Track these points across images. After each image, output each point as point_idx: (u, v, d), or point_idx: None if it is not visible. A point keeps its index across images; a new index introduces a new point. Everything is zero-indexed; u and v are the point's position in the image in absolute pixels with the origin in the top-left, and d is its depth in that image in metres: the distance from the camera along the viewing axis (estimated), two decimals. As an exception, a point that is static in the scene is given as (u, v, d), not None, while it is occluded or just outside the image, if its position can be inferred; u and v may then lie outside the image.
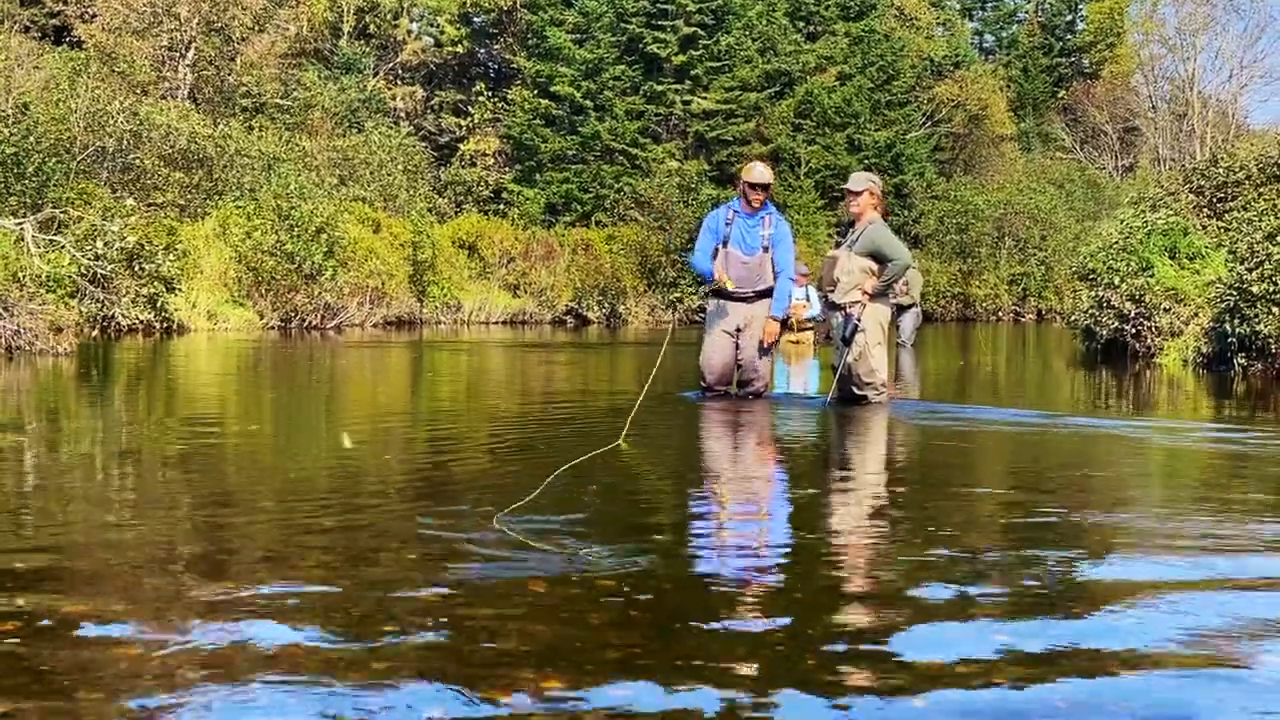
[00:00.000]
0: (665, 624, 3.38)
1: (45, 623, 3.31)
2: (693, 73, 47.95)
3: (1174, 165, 53.39)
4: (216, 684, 2.84)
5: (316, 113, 38.90)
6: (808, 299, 19.45)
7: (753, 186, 10.18)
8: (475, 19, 50.44)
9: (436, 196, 41.42)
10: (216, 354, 17.34)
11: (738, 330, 10.14)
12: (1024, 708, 2.79)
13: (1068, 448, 7.81)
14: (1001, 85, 63.33)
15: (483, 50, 51.94)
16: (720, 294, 10.27)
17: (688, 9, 46.73)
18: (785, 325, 12.77)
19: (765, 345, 10.09)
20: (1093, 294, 18.21)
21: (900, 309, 19.68)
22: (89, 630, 3.24)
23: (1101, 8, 71.40)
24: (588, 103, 45.00)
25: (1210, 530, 4.88)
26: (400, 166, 37.92)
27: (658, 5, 46.64)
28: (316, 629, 3.27)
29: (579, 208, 44.51)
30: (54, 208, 19.97)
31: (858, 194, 9.87)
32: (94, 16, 36.87)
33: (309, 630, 3.26)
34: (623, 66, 46.46)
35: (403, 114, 47.63)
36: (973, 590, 3.78)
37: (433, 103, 49.67)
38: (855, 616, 3.54)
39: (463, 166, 45.91)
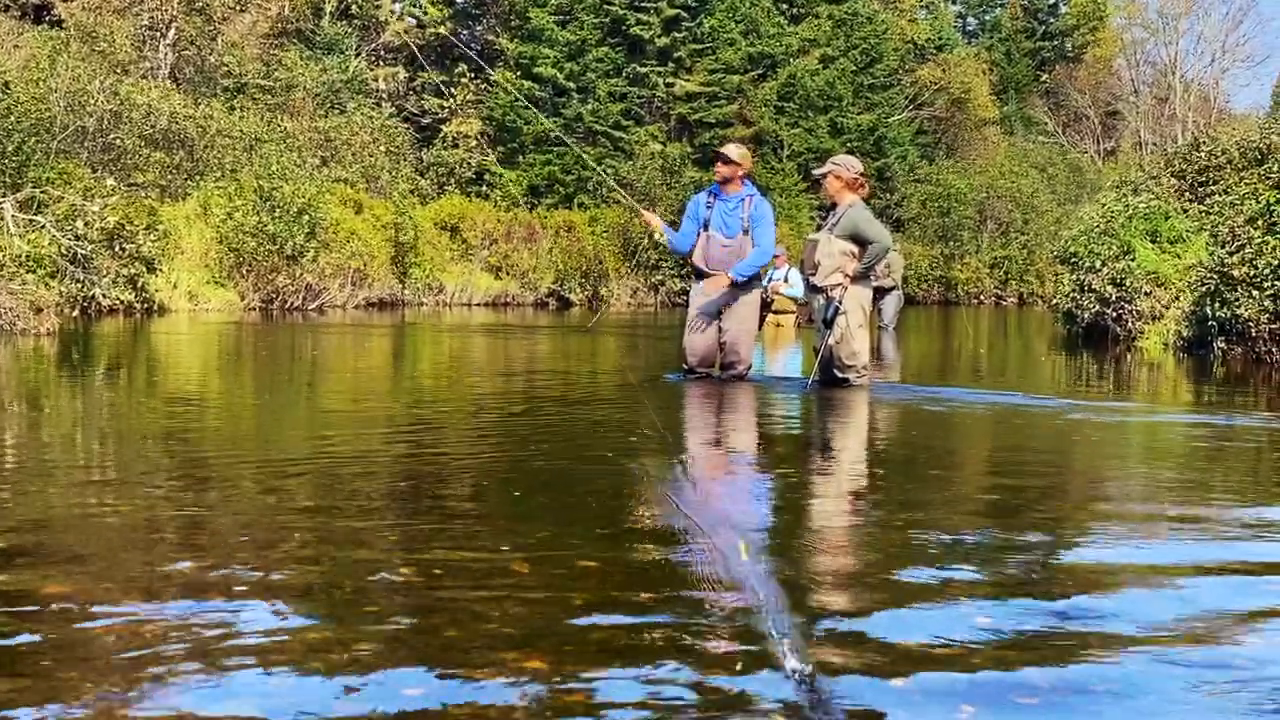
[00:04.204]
0: (647, 605, 3.39)
1: (24, 603, 3.30)
2: (676, 55, 47.88)
3: (1156, 149, 53.59)
4: (197, 665, 2.83)
5: (298, 93, 38.73)
6: (787, 279, 19.47)
7: (716, 155, 10.33)
8: (458, 0, 50.25)
9: (419, 178, 41.31)
10: (198, 334, 17.29)
11: (719, 313, 10.17)
12: (1004, 689, 2.80)
13: (1048, 430, 7.84)
14: (984, 69, 63.38)
15: (465, 31, 51.77)
16: (702, 276, 10.30)
17: (671, -9, 46.71)
18: (768, 307, 12.83)
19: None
20: (1074, 278, 18.27)
21: (882, 292, 19.70)
22: (68, 611, 3.23)
23: (1084, -9, 71.47)
24: (570, 84, 44.90)
25: (1190, 513, 4.90)
26: (382, 148, 37.83)
27: (641, -13, 46.59)
28: (298, 610, 3.27)
29: (561, 189, 44.43)
30: (34, 187, 19.87)
31: (822, 179, 10.01)
32: (74, -5, 36.65)
33: (290, 611, 3.25)
34: (605, 48, 46.36)
35: (385, 95, 47.44)
36: (953, 572, 3.79)
37: (415, 84, 49.48)
38: (836, 598, 3.55)
39: (445, 148, 45.77)
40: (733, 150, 10.34)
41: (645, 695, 2.70)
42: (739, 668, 2.89)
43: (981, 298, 51.58)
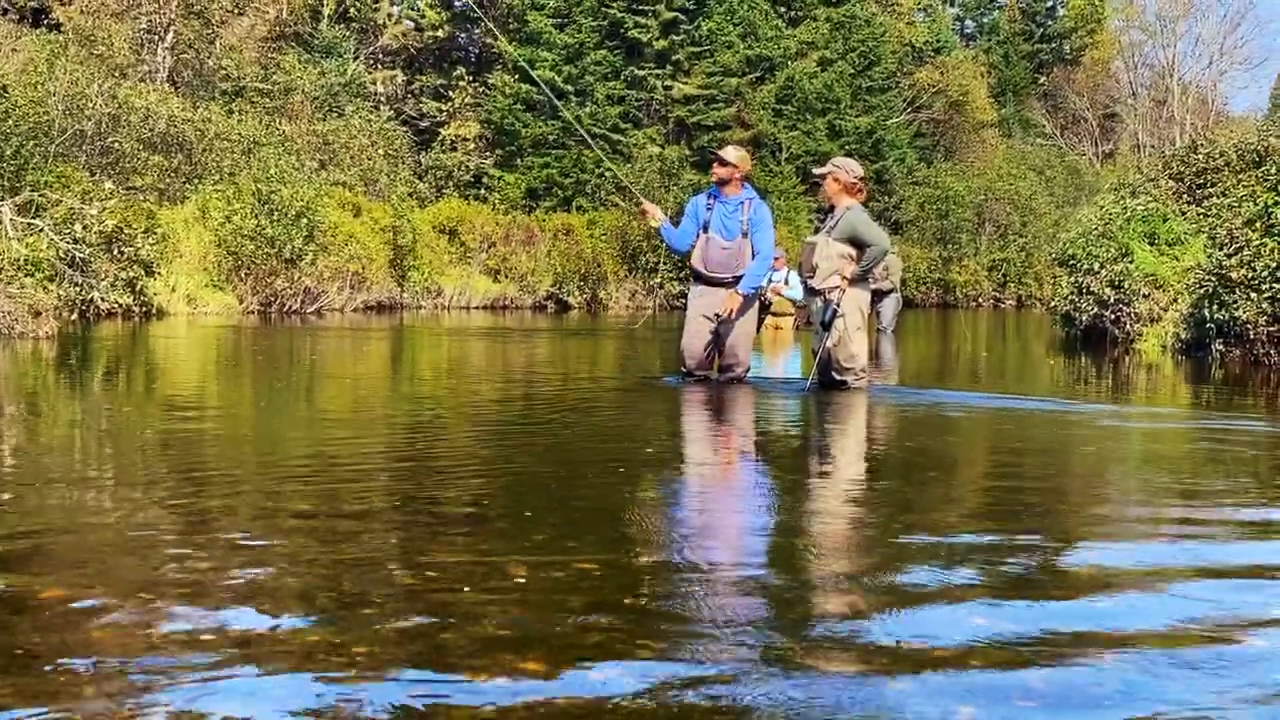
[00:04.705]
0: (645, 608, 3.38)
1: (23, 605, 3.30)
2: (674, 58, 47.88)
3: (1154, 151, 53.65)
4: (195, 668, 2.82)
5: (297, 96, 38.71)
6: (787, 281, 19.47)
7: (713, 157, 10.37)
8: (456, 3, 50.25)
9: (417, 181, 41.31)
10: (196, 338, 17.28)
11: (718, 315, 10.15)
12: (1002, 690, 2.80)
13: (1047, 432, 7.83)
14: (982, 71, 63.42)
15: (463, 34, 51.76)
16: (700, 278, 10.28)
17: (669, -7, 46.72)
18: (766, 309, 12.83)
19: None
20: (1072, 280, 18.27)
21: (880, 295, 19.71)
22: (67, 613, 3.23)
23: (1082, -7, 71.51)
24: (569, 87, 44.89)
25: (1188, 514, 4.90)
26: (381, 151, 37.81)
27: (639, -10, 46.59)
28: (296, 613, 3.27)
29: (559, 192, 44.43)
30: (32, 191, 19.86)
31: (821, 181, 10.01)
32: (73, -1, 36.64)
33: (288, 614, 3.25)
34: (604, 51, 46.36)
35: (383, 98, 47.43)
36: (952, 574, 3.79)
37: (413, 87, 49.49)
38: (834, 600, 3.54)
39: (443, 151, 45.78)
40: (730, 152, 10.34)
41: (644, 697, 2.70)
42: (738, 669, 2.89)
43: (980, 300, 51.58)
